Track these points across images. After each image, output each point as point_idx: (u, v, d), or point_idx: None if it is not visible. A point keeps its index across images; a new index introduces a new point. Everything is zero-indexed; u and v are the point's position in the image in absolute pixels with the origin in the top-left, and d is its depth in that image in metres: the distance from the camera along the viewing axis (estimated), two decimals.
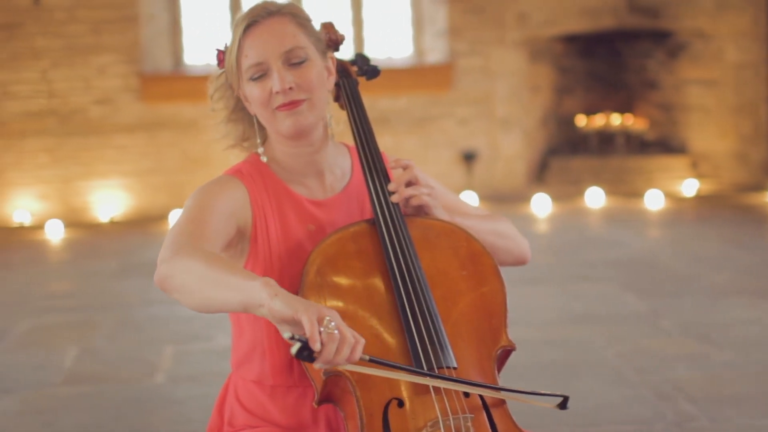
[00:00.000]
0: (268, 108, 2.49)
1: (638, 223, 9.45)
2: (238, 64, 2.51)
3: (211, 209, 2.43)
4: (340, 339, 2.06)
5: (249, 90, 2.51)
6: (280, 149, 2.58)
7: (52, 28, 10.08)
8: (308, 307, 2.06)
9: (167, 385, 5.48)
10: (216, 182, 2.55)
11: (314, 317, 2.04)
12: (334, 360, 2.06)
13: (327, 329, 2.05)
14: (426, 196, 2.57)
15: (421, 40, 10.88)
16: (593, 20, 10.71)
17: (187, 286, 2.22)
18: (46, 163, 10.20)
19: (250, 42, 2.49)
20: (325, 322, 2.05)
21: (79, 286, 7.77)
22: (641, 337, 5.98)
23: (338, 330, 2.06)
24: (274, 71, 2.48)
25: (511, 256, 2.75)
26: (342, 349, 2.06)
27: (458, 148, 10.67)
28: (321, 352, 2.04)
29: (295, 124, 2.49)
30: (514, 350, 2.52)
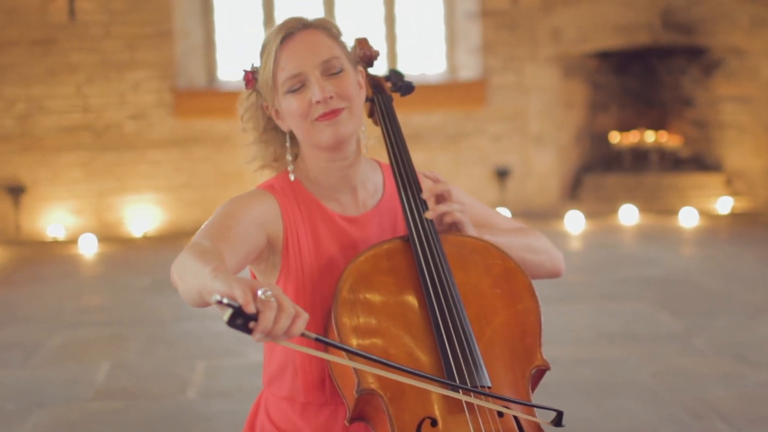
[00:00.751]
0: (307, 120, 2.48)
1: (672, 241, 9.39)
2: (275, 79, 2.49)
3: (237, 217, 2.43)
4: (277, 307, 1.97)
5: (286, 104, 2.49)
6: (314, 164, 2.56)
7: (88, 43, 10.14)
8: (242, 280, 2.00)
9: (199, 401, 5.47)
10: (247, 194, 2.55)
11: (248, 288, 1.97)
12: (273, 330, 1.97)
13: (263, 296, 1.96)
14: (458, 213, 2.55)
15: (454, 56, 10.87)
16: (627, 36, 10.66)
17: (179, 281, 2.23)
18: (80, 178, 10.26)
19: (287, 54, 2.48)
20: (259, 292, 1.97)
21: (112, 300, 7.79)
22: (675, 356, 5.93)
23: (275, 298, 1.98)
24: (312, 82, 2.47)
25: (543, 270, 2.73)
26: (280, 318, 1.97)
27: (491, 165, 10.64)
28: (258, 320, 1.95)
29: (335, 134, 2.48)
30: (549, 370, 2.49)
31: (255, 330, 1.95)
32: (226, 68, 10.75)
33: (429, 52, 10.94)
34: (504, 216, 2.81)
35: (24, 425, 5.18)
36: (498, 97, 10.62)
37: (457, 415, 2.32)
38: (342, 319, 2.35)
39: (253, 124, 2.61)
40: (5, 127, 10.18)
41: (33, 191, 10.20)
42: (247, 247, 2.41)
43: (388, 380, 2.29)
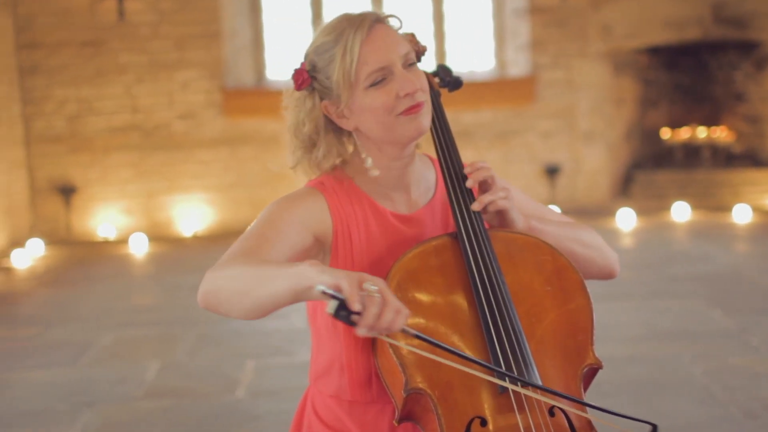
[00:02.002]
0: (392, 114, 2.42)
1: (725, 238, 9.28)
2: (357, 74, 2.42)
3: (278, 225, 2.38)
4: (382, 302, 2.00)
5: (368, 99, 2.41)
6: (376, 164, 2.51)
7: (137, 44, 10.18)
8: (350, 273, 2.02)
9: (247, 400, 5.47)
10: (293, 196, 2.50)
11: (354, 281, 2.00)
12: (377, 324, 2.00)
13: (368, 292, 1.99)
14: (503, 200, 2.50)
15: (503, 53, 10.82)
16: (678, 31, 10.55)
17: (237, 293, 2.19)
18: (129, 178, 10.30)
19: (369, 49, 2.39)
20: (365, 285, 2.00)
21: (162, 300, 7.82)
22: (729, 355, 5.85)
23: (380, 293, 2.00)
24: (396, 75, 2.41)
25: (594, 266, 2.66)
26: (384, 312, 2.00)
27: (541, 162, 10.58)
28: (362, 314, 1.98)
29: (419, 127, 2.43)
30: (601, 368, 2.44)
31: (359, 324, 1.99)
32: (274, 67, 10.76)
33: (478, 50, 10.89)
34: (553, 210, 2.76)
35: (74, 425, 5.20)
36: (547, 94, 10.55)
37: (507, 414, 2.28)
38: None
39: (313, 126, 2.51)
40: (56, 128, 10.25)
41: (83, 192, 10.26)
42: (291, 250, 2.37)
43: (436, 379, 2.26)
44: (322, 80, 2.45)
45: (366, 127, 2.45)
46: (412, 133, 2.43)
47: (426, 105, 2.44)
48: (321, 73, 2.45)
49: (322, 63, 2.44)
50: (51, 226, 10.27)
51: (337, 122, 2.48)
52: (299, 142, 2.54)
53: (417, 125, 2.42)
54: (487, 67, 10.86)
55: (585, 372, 2.41)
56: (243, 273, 2.18)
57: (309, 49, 2.49)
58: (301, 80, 2.47)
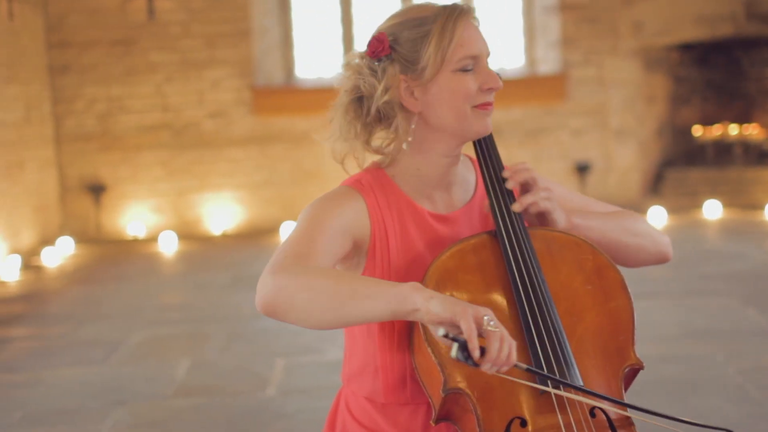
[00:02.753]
0: (468, 103, 2.38)
1: (758, 236, 9.19)
2: (452, 53, 2.35)
3: (322, 229, 2.33)
4: (501, 337, 2.03)
5: (454, 82, 2.36)
6: (426, 156, 2.47)
7: (167, 42, 10.20)
8: (465, 308, 2.02)
9: (278, 399, 5.45)
10: (333, 196, 2.43)
11: (472, 319, 2.01)
12: (498, 361, 2.03)
13: (488, 327, 2.02)
14: (545, 201, 2.46)
15: (533, 50, 10.77)
16: (710, 28, 10.47)
17: (320, 306, 2.15)
18: (159, 176, 10.32)
19: (468, 34, 2.37)
20: (484, 321, 2.02)
21: (192, 298, 7.82)
22: (764, 354, 5.78)
23: (499, 329, 2.03)
24: (483, 67, 2.39)
25: (646, 253, 2.61)
26: (503, 346, 2.03)
27: (572, 160, 10.53)
28: (487, 352, 2.01)
29: (486, 125, 2.40)
30: (642, 369, 2.40)
31: (484, 362, 2.02)
32: (303, 65, 10.75)
33: (508, 47, 10.84)
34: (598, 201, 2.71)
35: (105, 422, 5.19)
36: (578, 92, 10.50)
37: (548, 415, 2.25)
38: None
39: (391, 96, 2.39)
40: (86, 126, 10.27)
41: (113, 190, 10.29)
42: (335, 257, 2.34)
43: (476, 379, 2.23)
44: (406, 53, 2.37)
45: (436, 111, 2.39)
46: (479, 129, 2.40)
47: (493, 108, 2.42)
48: (405, 46, 2.37)
49: (410, 36, 2.37)
50: (81, 224, 10.30)
51: (404, 100, 2.39)
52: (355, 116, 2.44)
53: (485, 123, 2.40)
54: (517, 65, 10.82)
55: (626, 372, 2.37)
56: (327, 285, 2.14)
57: (388, 23, 2.42)
58: (380, 48, 2.39)
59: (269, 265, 2.24)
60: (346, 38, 10.61)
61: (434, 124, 2.40)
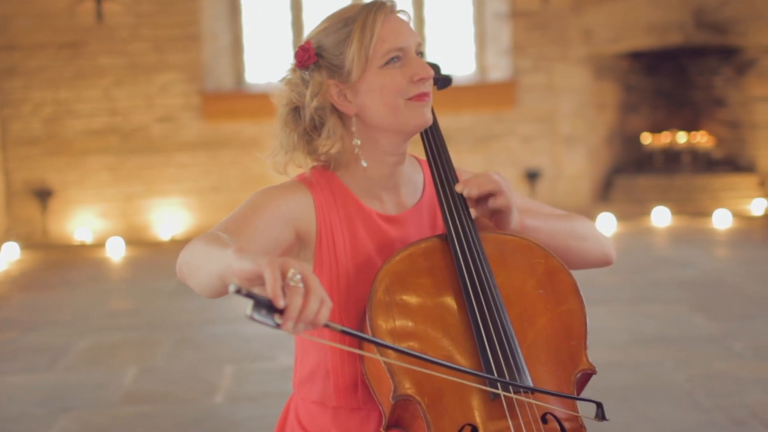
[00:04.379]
0: (401, 96, 2.36)
1: (706, 243, 9.26)
2: (374, 50, 2.34)
3: (262, 211, 2.32)
4: (305, 292, 1.83)
5: (382, 77, 2.35)
6: (371, 155, 2.44)
7: (116, 46, 10.11)
8: (273, 259, 1.85)
9: (227, 406, 5.40)
10: (279, 186, 2.44)
11: (278, 269, 1.83)
12: (301, 318, 1.82)
13: (293, 282, 1.81)
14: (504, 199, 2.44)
15: (484, 57, 10.78)
16: (659, 37, 10.54)
17: (194, 269, 2.12)
18: (107, 181, 10.22)
19: (389, 28, 2.36)
20: (289, 274, 1.83)
21: (140, 304, 7.74)
22: (713, 360, 5.81)
23: (304, 283, 1.84)
24: (411, 58, 2.37)
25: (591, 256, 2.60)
26: (308, 302, 1.82)
27: (522, 167, 10.55)
28: (286, 308, 1.80)
29: (424, 117, 2.38)
30: (595, 374, 2.38)
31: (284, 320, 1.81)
32: (254, 71, 10.69)
33: (458, 54, 10.85)
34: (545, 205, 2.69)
35: (50, 430, 5.12)
36: (528, 98, 10.52)
37: (499, 422, 2.22)
38: (377, 321, 2.25)
39: (320, 103, 2.40)
40: (33, 130, 10.16)
41: (60, 195, 10.17)
42: (269, 242, 2.30)
43: (426, 385, 2.20)
44: (331, 58, 2.38)
45: (370, 110, 2.38)
46: (417, 122, 2.38)
47: (431, 98, 2.40)
48: (329, 50, 2.38)
49: (333, 41, 2.38)
50: (27, 229, 10.18)
51: (338, 105, 2.39)
52: (293, 127, 2.45)
53: (422, 115, 2.38)
54: (467, 72, 10.83)
55: (578, 377, 2.36)
56: (201, 249, 2.10)
57: (314, 31, 2.43)
58: (307, 56, 2.40)
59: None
60: (297, 43, 10.51)
61: (372, 123, 2.39)
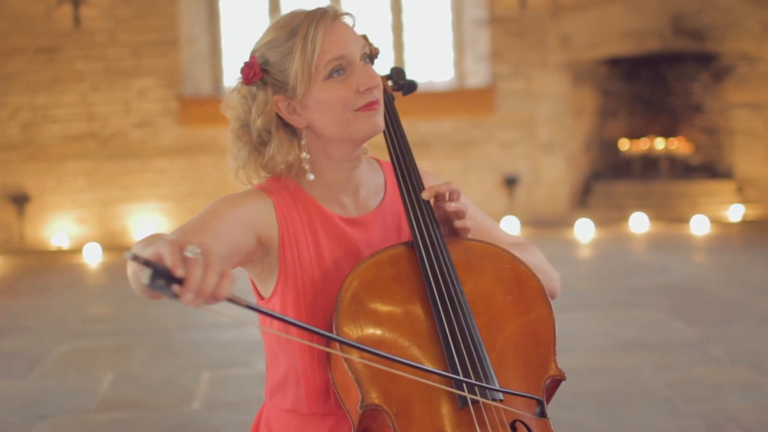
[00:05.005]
0: (349, 109, 2.33)
1: (684, 249, 9.28)
2: (316, 62, 2.31)
3: (221, 216, 2.28)
4: (204, 264, 1.81)
5: (327, 91, 2.32)
6: (324, 163, 2.43)
7: (93, 51, 10.06)
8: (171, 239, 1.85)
9: (204, 412, 5.37)
10: (240, 194, 2.41)
11: (175, 246, 1.82)
12: (201, 288, 1.79)
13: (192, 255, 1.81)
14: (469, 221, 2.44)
15: (462, 63, 10.78)
16: (637, 43, 10.56)
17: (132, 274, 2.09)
18: (84, 187, 10.18)
19: (330, 39, 2.32)
20: (188, 247, 1.83)
21: (117, 310, 7.70)
22: (691, 366, 5.82)
23: (203, 255, 1.82)
24: (356, 69, 2.34)
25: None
26: (208, 274, 1.80)
27: (500, 173, 10.55)
28: (186, 278, 1.78)
29: (375, 125, 2.35)
30: (564, 380, 2.37)
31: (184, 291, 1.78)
32: (232, 76, 10.63)
33: (437, 60, 10.85)
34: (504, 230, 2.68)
35: None
36: (507, 104, 10.52)
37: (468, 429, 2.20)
38: (344, 329, 2.23)
39: (266, 121, 2.39)
40: (10, 135, 10.11)
41: (37, 200, 10.12)
42: (228, 246, 2.26)
43: (393, 395, 2.18)
44: (276, 74, 2.36)
45: (320, 123, 2.36)
46: (367, 131, 2.36)
47: (381, 104, 2.38)
48: (274, 66, 2.36)
49: (277, 56, 2.36)
50: (3, 234, 10.12)
51: (287, 119, 2.39)
52: (245, 141, 2.44)
53: (373, 123, 2.36)
54: (446, 77, 10.82)
55: (548, 384, 2.34)
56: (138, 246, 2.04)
57: (259, 43, 2.42)
58: (252, 74, 2.38)
59: None
60: None
61: (323, 135, 2.38)
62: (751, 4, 10.46)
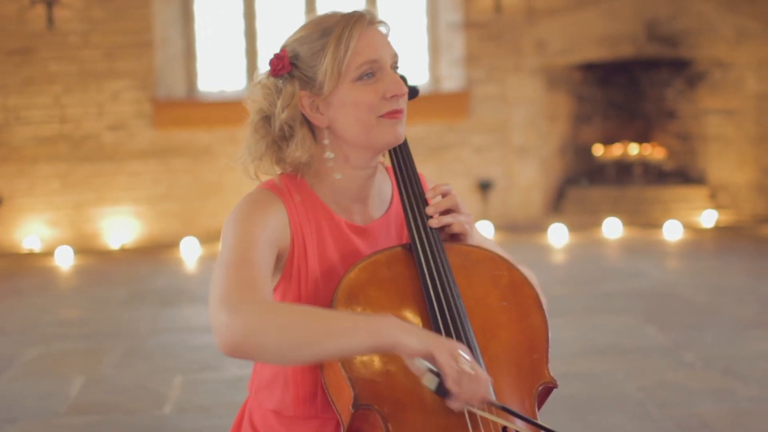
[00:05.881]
0: (374, 113, 2.33)
1: (657, 254, 9.30)
2: (348, 64, 2.32)
3: (256, 246, 2.24)
4: (475, 377, 2.05)
5: (355, 93, 2.32)
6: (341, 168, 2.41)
7: (66, 52, 10.00)
8: (441, 343, 2.04)
9: (175, 416, 5.34)
10: (255, 204, 2.36)
11: (448, 354, 2.03)
12: (470, 400, 2.06)
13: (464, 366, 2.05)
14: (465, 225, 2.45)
15: (437, 67, 10.79)
16: (612, 48, 10.59)
17: (293, 344, 2.06)
18: (57, 189, 10.11)
19: (365, 41, 2.33)
20: (460, 359, 2.04)
21: (89, 313, 7.65)
22: (664, 371, 5.82)
23: (474, 369, 2.05)
24: (385, 74, 2.34)
25: None
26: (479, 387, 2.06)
27: (474, 177, 10.55)
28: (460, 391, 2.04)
29: (397, 134, 2.35)
30: (556, 387, 2.38)
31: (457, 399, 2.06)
32: (206, 78, 10.62)
33: (411, 64, 10.84)
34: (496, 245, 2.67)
35: None
36: (481, 109, 10.53)
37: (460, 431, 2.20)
38: None
39: (291, 114, 2.37)
40: None
41: (9, 202, 10.05)
42: (269, 272, 2.27)
43: (387, 396, 2.17)
44: (305, 69, 2.35)
45: (343, 124, 2.35)
46: (388, 139, 2.35)
47: (404, 115, 2.37)
48: (304, 62, 2.35)
49: (308, 52, 2.35)
50: None
51: (309, 116, 2.38)
52: (263, 134, 2.41)
53: (395, 132, 2.35)
54: (420, 82, 10.82)
55: (540, 390, 2.35)
56: (301, 325, 2.06)
57: (291, 38, 2.40)
58: (281, 66, 2.37)
59: (219, 299, 2.11)
60: (250, 52, 10.51)
61: (343, 137, 2.37)
62: (725, 11, 10.51)
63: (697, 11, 10.53)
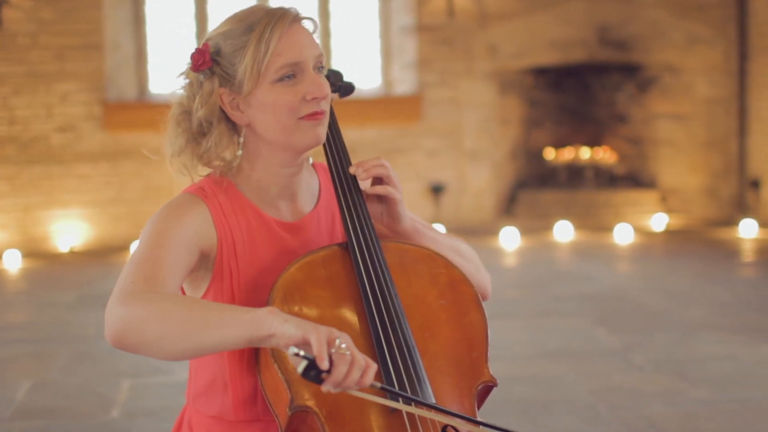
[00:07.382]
0: (294, 116, 2.28)
1: (608, 258, 9.34)
2: (268, 64, 2.26)
3: (167, 246, 2.21)
4: (351, 360, 1.95)
5: (274, 94, 2.26)
6: (264, 168, 2.37)
7: (14, 54, 9.90)
8: (318, 327, 1.96)
9: (123, 420, 5.28)
10: (174, 207, 2.33)
11: (324, 337, 1.95)
12: (343, 383, 1.96)
13: (338, 350, 1.96)
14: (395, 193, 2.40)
15: (389, 70, 10.78)
16: (563, 53, 10.63)
17: (170, 336, 2.03)
18: (4, 192, 10.00)
19: (287, 41, 2.26)
20: (336, 343, 1.96)
21: (36, 317, 7.57)
22: (614, 373, 5.84)
23: (350, 351, 1.96)
24: (306, 76, 2.29)
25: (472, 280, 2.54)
26: (352, 371, 1.96)
27: (426, 181, 10.55)
28: (330, 373, 1.94)
29: (317, 136, 2.30)
30: (496, 386, 2.35)
31: (326, 381, 1.96)
32: (157, 81, 10.55)
33: (364, 67, 10.82)
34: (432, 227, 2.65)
35: None
36: (433, 113, 10.53)
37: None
38: None
39: (208, 112, 2.33)
40: None
41: None
42: (182, 272, 2.23)
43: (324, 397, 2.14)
44: (225, 66, 2.29)
45: (262, 125, 2.30)
46: (309, 141, 2.30)
47: (326, 116, 2.33)
48: (225, 58, 2.29)
49: (229, 48, 2.29)
50: None
51: (229, 114, 2.32)
52: (184, 128, 2.37)
53: (316, 134, 2.30)
54: (373, 85, 10.80)
55: (479, 389, 2.33)
56: (178, 315, 2.03)
57: (215, 32, 2.34)
58: (201, 61, 2.31)
59: (116, 292, 2.13)
60: None
61: (264, 136, 2.32)
62: (676, 16, 10.58)
63: (648, 17, 10.60)
